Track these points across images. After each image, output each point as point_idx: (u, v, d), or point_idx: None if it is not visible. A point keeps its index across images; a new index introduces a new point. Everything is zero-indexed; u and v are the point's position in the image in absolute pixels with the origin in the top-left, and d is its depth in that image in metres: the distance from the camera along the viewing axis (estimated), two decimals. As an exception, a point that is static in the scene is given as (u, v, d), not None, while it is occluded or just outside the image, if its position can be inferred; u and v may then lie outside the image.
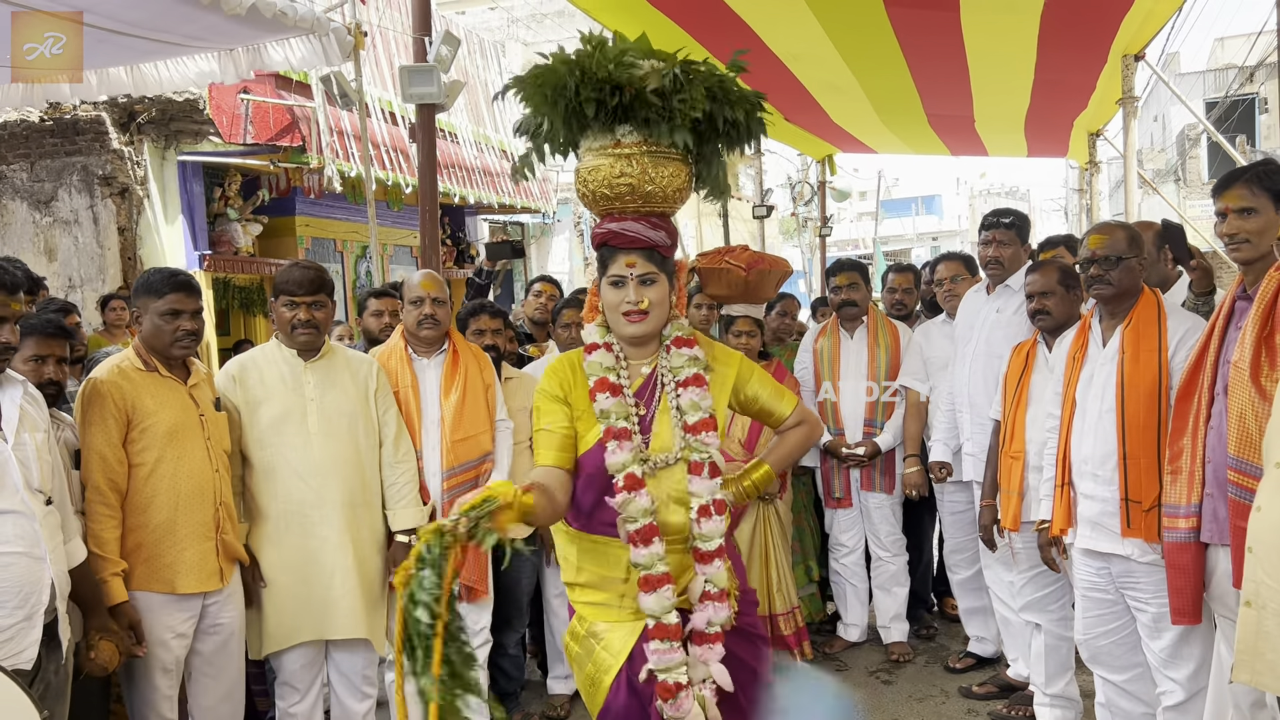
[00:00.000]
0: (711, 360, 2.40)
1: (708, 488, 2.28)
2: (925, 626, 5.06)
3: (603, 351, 2.35)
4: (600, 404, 2.29)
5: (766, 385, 2.50)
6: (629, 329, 2.31)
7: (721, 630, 2.28)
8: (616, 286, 2.31)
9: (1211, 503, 2.64)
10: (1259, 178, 2.65)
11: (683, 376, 2.34)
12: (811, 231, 19.34)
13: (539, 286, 5.31)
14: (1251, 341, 2.49)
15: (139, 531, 2.99)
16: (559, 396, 2.33)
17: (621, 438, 2.25)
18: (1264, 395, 2.43)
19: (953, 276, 4.60)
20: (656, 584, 2.22)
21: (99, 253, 7.91)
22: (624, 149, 2.29)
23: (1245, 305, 2.61)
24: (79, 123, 7.81)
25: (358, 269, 10.12)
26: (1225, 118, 19.76)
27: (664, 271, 2.34)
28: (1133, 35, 6.00)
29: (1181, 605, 2.75)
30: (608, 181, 2.29)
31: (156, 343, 3.09)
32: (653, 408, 2.33)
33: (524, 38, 15.84)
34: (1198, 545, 2.68)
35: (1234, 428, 2.51)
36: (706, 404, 2.32)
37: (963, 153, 11.30)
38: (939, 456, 4.41)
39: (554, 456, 2.28)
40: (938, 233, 46.33)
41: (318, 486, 3.29)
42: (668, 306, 2.36)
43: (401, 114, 8.95)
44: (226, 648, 3.20)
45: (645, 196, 2.30)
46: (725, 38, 6.20)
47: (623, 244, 2.31)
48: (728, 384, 2.42)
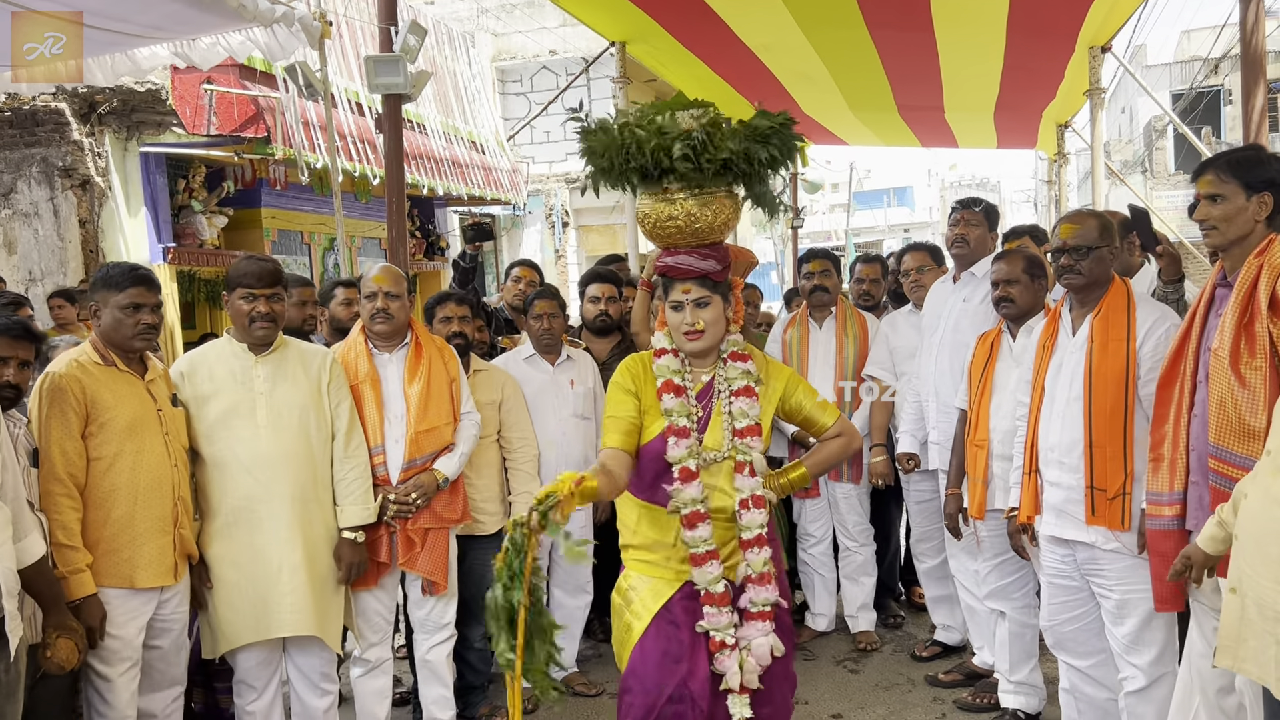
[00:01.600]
0: (763, 375, 2.76)
1: (750, 484, 2.65)
2: (892, 615, 5.09)
3: (670, 357, 2.74)
4: (666, 403, 2.67)
5: (811, 397, 2.83)
6: (689, 346, 2.70)
7: (766, 610, 2.64)
8: (676, 310, 2.69)
9: (1197, 490, 2.65)
10: (1230, 165, 2.64)
11: (736, 387, 2.71)
12: (784, 223, 19.39)
13: (518, 271, 5.24)
14: (1231, 328, 2.50)
15: (98, 526, 2.97)
16: (630, 390, 2.71)
17: (682, 435, 2.64)
18: (1243, 382, 2.44)
19: (919, 267, 4.62)
20: (703, 560, 2.62)
21: (60, 246, 7.77)
22: (671, 195, 2.65)
23: (1225, 292, 2.62)
24: (38, 113, 7.67)
25: (325, 261, 10.02)
26: (1191, 109, 19.98)
27: (717, 294, 2.70)
28: (1099, 26, 6.04)
29: (1164, 592, 2.76)
30: (659, 224, 2.67)
31: (116, 336, 3.07)
32: (709, 410, 2.71)
33: (494, 28, 15.74)
34: (1181, 533, 2.69)
35: (1214, 416, 2.52)
36: (754, 413, 2.69)
37: (933, 144, 11.36)
38: (906, 448, 4.41)
39: (620, 440, 2.65)
40: (909, 224, 46.56)
41: (266, 481, 3.25)
42: (724, 324, 2.73)
43: (369, 104, 8.86)
44: (177, 643, 3.18)
45: (694, 233, 2.66)
46: (696, 28, 6.19)
47: (678, 275, 2.68)
48: (775, 396, 2.77)
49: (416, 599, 3.72)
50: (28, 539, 2.63)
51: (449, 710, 3.80)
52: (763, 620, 2.65)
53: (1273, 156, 2.68)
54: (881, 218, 46.51)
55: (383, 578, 3.61)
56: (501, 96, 15.56)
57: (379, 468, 3.55)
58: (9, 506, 2.54)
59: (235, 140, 7.87)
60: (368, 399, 3.57)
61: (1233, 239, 2.62)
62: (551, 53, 15.53)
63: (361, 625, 3.59)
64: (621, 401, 2.70)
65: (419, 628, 3.77)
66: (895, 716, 4.01)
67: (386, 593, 3.66)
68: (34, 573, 2.62)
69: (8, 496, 2.55)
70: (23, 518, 2.62)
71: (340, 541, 3.41)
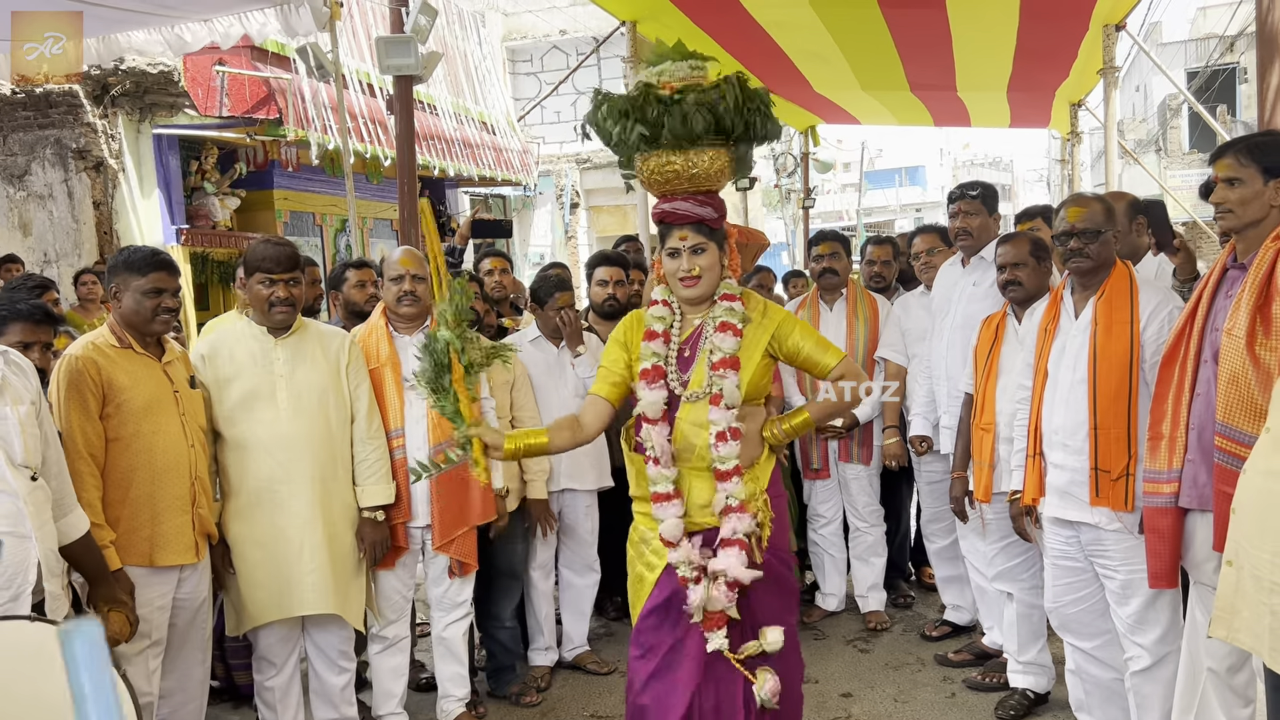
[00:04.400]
0: (755, 314, 2.76)
1: (724, 417, 2.65)
2: (902, 595, 5.12)
3: (660, 307, 2.79)
4: (643, 349, 2.74)
5: (809, 338, 2.80)
6: (685, 292, 2.74)
7: (745, 538, 2.64)
8: (673, 257, 2.73)
9: (1193, 468, 2.67)
10: (1249, 149, 2.63)
11: (718, 323, 2.72)
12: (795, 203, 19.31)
13: (489, 264, 5.13)
14: (1247, 311, 2.50)
15: (117, 505, 3.01)
16: (621, 341, 2.80)
17: (654, 377, 2.70)
18: (1257, 363, 2.46)
19: (929, 249, 4.61)
20: (664, 499, 2.67)
21: (74, 227, 7.83)
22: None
23: (1237, 274, 2.63)
24: (52, 96, 7.70)
25: (337, 242, 10.05)
26: (1206, 88, 19.79)
27: (713, 240, 2.73)
28: (1113, 4, 5.98)
29: (1159, 569, 2.78)
30: (658, 169, 2.69)
31: (136, 319, 3.10)
32: (696, 351, 2.74)
33: (504, 7, 15.68)
34: (1177, 511, 2.72)
35: (1224, 394, 2.53)
36: (728, 346, 2.69)
37: (946, 121, 11.27)
38: (919, 430, 4.42)
39: (603, 389, 2.79)
40: (921, 204, 46.28)
41: (286, 462, 3.29)
42: (719, 270, 2.76)
43: (380, 85, 8.86)
44: (195, 621, 3.22)
45: (691, 179, 2.69)
46: (707, 6, 6.16)
47: (676, 220, 2.72)
48: (766, 334, 2.75)
49: (434, 577, 3.76)
50: (72, 514, 2.67)
51: (464, 687, 3.85)
52: (738, 548, 2.63)
53: None
54: (893, 197, 46.32)
55: (401, 557, 3.66)
56: (512, 77, 15.53)
57: (398, 450, 3.57)
58: (52, 483, 2.57)
59: (247, 122, 7.91)
60: (388, 381, 3.60)
61: (1248, 222, 2.62)
62: (562, 32, 15.48)
63: (380, 603, 3.64)
64: (611, 353, 2.80)
65: (435, 605, 3.81)
66: (905, 695, 4.05)
67: (406, 570, 3.71)
68: (81, 548, 2.67)
69: (51, 473, 2.58)
70: (65, 494, 2.66)
71: (362, 522, 3.46)
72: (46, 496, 2.53)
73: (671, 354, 2.73)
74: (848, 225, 31.78)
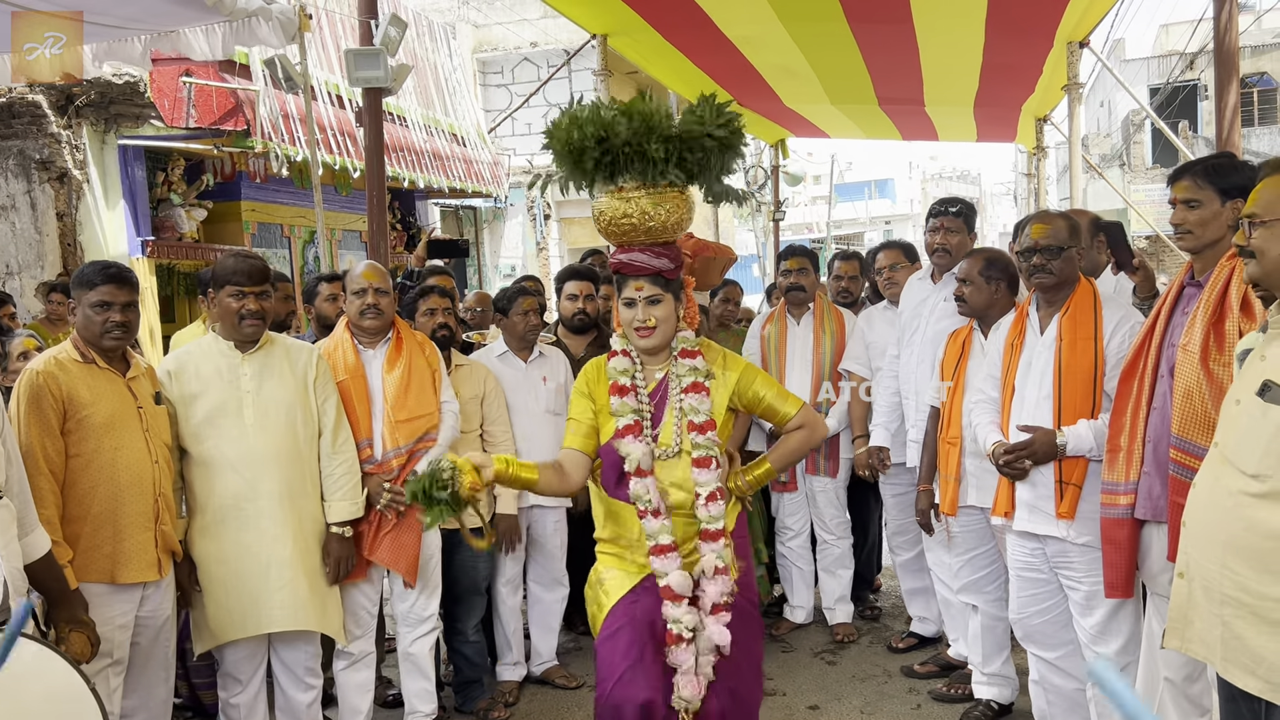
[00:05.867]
0: (717, 367, 2.80)
1: (710, 478, 2.69)
2: (869, 607, 5.15)
3: (621, 358, 2.80)
4: (614, 404, 2.74)
5: (770, 388, 2.84)
6: (641, 342, 2.75)
7: (725, 602, 2.68)
8: (629, 307, 2.73)
9: (1148, 481, 2.72)
10: (1206, 172, 2.72)
11: (685, 384, 2.75)
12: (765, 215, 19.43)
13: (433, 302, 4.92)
14: (1201, 326, 2.56)
15: (78, 521, 2.97)
16: (585, 393, 2.80)
17: (634, 432, 2.70)
18: (1211, 378, 2.52)
19: (891, 265, 4.65)
20: (662, 551, 2.68)
21: (37, 239, 7.72)
22: (625, 194, 2.70)
23: (1194, 291, 2.70)
24: (14, 105, 7.60)
25: (305, 254, 9.99)
26: (1169, 103, 20.13)
27: (669, 291, 2.74)
28: (1077, 22, 6.09)
29: (1115, 579, 2.83)
30: (613, 222, 2.70)
31: (88, 334, 3.07)
32: (662, 408, 2.76)
33: (474, 20, 15.68)
34: (1134, 522, 2.77)
35: (1179, 408, 2.58)
36: (705, 408, 2.73)
37: (914, 136, 11.40)
38: (879, 441, 4.45)
39: (578, 442, 2.78)
40: (890, 216, 46.68)
41: (252, 479, 3.27)
42: (674, 321, 2.77)
43: (349, 97, 8.82)
44: (158, 639, 3.19)
45: (647, 231, 2.70)
46: (677, 21, 6.21)
47: (631, 272, 2.72)
48: (729, 387, 2.79)
49: (400, 592, 3.75)
50: (34, 533, 2.64)
51: (430, 703, 3.83)
52: (718, 613, 2.68)
53: (1245, 164, 2.78)
54: (863, 210, 46.66)
55: (368, 570, 3.63)
56: (482, 88, 15.52)
57: (369, 460, 3.57)
58: (15, 502, 2.55)
59: (214, 133, 7.84)
60: (354, 392, 3.59)
61: (1207, 242, 2.71)
62: (533, 45, 15.50)
63: (346, 619, 3.61)
64: (578, 405, 2.81)
65: (401, 621, 3.79)
66: (871, 707, 4.07)
67: (371, 585, 3.69)
68: (42, 566, 2.64)
69: (13, 492, 2.56)
70: (29, 512, 2.64)
71: (329, 537, 3.44)
72: (11, 515, 2.51)
73: (645, 409, 2.75)
74: (817, 237, 31.97)
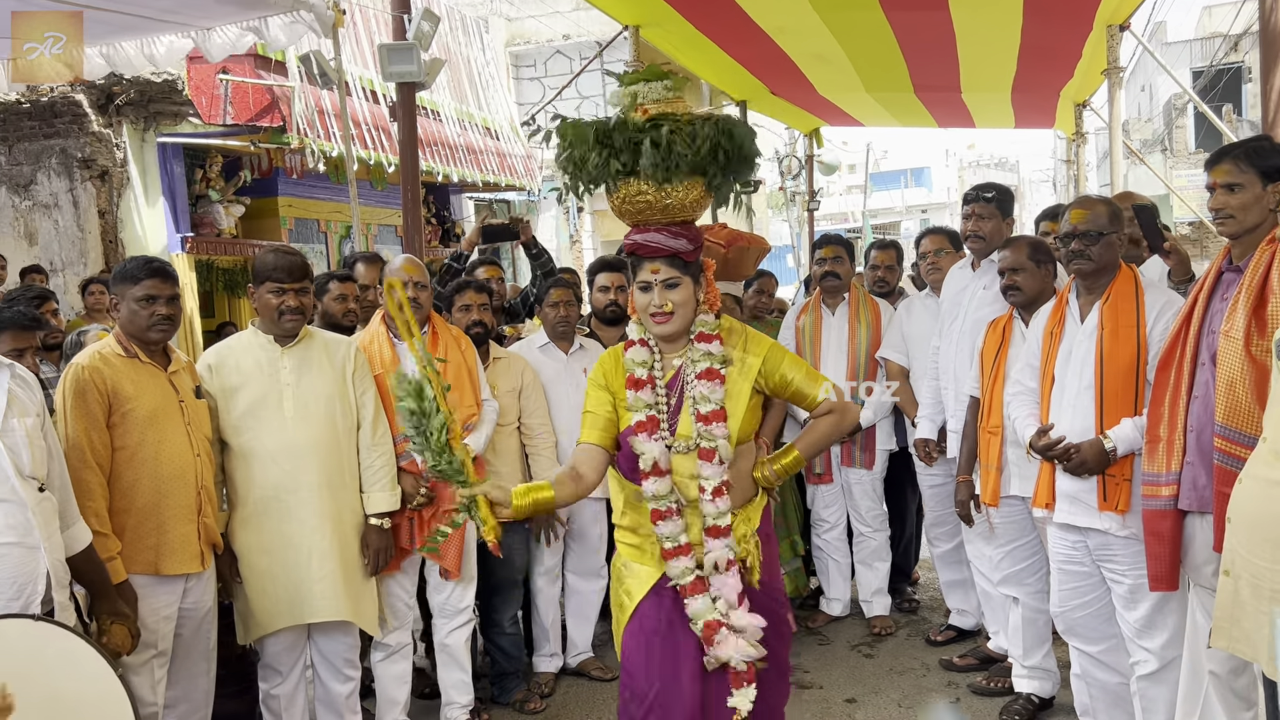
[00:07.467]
0: (737, 351, 2.62)
1: (715, 472, 2.53)
2: (907, 600, 5.11)
3: (638, 348, 2.64)
4: (630, 399, 2.59)
5: (799, 369, 2.66)
6: (657, 329, 2.58)
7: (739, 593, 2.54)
8: (644, 291, 2.57)
9: (1191, 471, 2.67)
10: (1247, 154, 2.67)
11: (699, 370, 2.58)
12: (799, 205, 19.31)
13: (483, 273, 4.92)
14: (1244, 313, 2.52)
15: (122, 514, 3.02)
16: (602, 385, 2.65)
17: (648, 428, 2.56)
18: (1255, 364, 2.47)
19: (936, 250, 4.60)
20: (672, 555, 2.56)
21: (80, 236, 7.86)
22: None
23: (1233, 277, 2.66)
24: (56, 105, 7.74)
25: (341, 249, 10.08)
26: (1212, 87, 19.74)
27: (687, 274, 2.57)
28: (1117, 3, 5.98)
29: (1159, 572, 2.78)
30: (629, 199, 2.53)
31: (133, 328, 3.12)
32: (681, 399, 2.60)
33: (507, 13, 15.71)
34: (1177, 513, 2.72)
35: (1223, 396, 2.54)
36: (716, 396, 2.55)
37: (950, 124, 11.26)
38: (924, 433, 4.38)
39: (595, 436, 2.63)
40: (927, 205, 46.21)
41: (293, 470, 3.30)
42: (693, 305, 2.59)
43: (383, 92, 8.88)
44: (200, 630, 3.23)
45: (664, 209, 2.53)
46: (710, 11, 6.17)
47: (647, 253, 2.55)
48: (753, 372, 2.61)
49: (435, 584, 3.77)
50: (75, 526, 2.69)
51: (467, 694, 3.85)
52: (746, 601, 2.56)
53: None
54: (899, 199, 46.23)
55: (404, 562, 3.66)
56: (515, 82, 15.55)
57: (404, 455, 3.57)
58: (56, 495, 2.60)
59: (251, 130, 7.93)
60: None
61: (1249, 227, 2.66)
62: (565, 37, 15.50)
63: (383, 610, 3.64)
64: (595, 396, 2.66)
65: (438, 612, 3.82)
66: (909, 701, 4.04)
67: (408, 577, 3.71)
68: (84, 559, 2.69)
69: (55, 485, 2.61)
70: (70, 506, 2.69)
71: (367, 528, 3.46)
72: (53, 507, 2.56)
73: (661, 402, 2.60)
74: (853, 227, 31.71)
